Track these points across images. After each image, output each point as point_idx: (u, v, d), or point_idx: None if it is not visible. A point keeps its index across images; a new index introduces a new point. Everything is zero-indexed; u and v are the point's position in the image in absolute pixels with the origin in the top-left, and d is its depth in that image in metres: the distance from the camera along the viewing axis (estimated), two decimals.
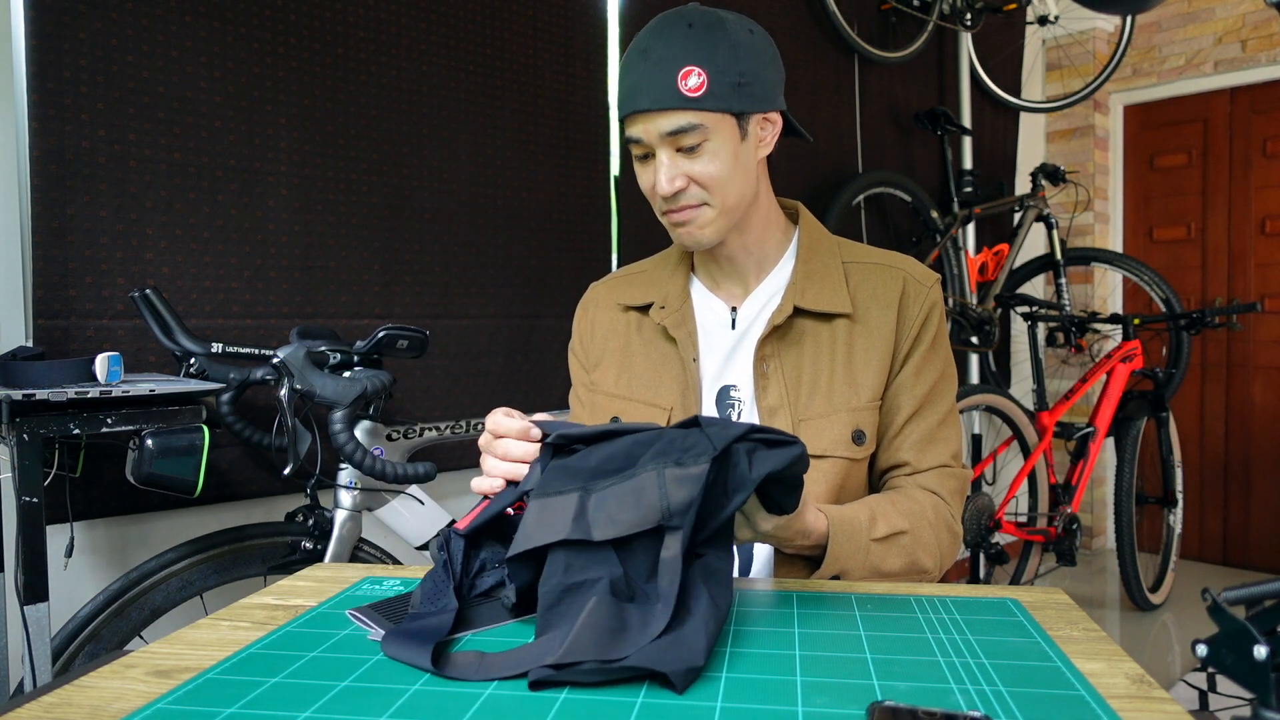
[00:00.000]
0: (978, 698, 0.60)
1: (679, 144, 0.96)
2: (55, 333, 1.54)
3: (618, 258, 2.39)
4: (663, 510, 0.69)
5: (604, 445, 0.74)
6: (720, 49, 0.95)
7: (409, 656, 0.68)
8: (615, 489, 0.72)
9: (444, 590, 0.78)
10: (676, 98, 0.94)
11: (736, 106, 0.96)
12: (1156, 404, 3.25)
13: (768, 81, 1.00)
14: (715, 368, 1.08)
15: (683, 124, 0.95)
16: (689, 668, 0.62)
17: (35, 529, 1.22)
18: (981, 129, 3.51)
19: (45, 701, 0.62)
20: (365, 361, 1.55)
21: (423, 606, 0.77)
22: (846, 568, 0.91)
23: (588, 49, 2.31)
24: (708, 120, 0.95)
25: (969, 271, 3.10)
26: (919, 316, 1.05)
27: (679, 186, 0.98)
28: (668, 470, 0.71)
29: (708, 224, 1.01)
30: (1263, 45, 3.61)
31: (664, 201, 1.00)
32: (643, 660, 0.63)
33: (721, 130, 0.97)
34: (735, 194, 1.00)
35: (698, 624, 0.66)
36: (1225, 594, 0.50)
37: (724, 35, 0.96)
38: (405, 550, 1.90)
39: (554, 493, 0.73)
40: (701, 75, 0.94)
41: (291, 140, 1.82)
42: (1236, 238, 3.77)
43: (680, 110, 0.95)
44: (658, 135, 0.96)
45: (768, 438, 0.72)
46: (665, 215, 1.03)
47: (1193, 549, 3.94)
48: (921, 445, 1.05)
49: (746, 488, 0.71)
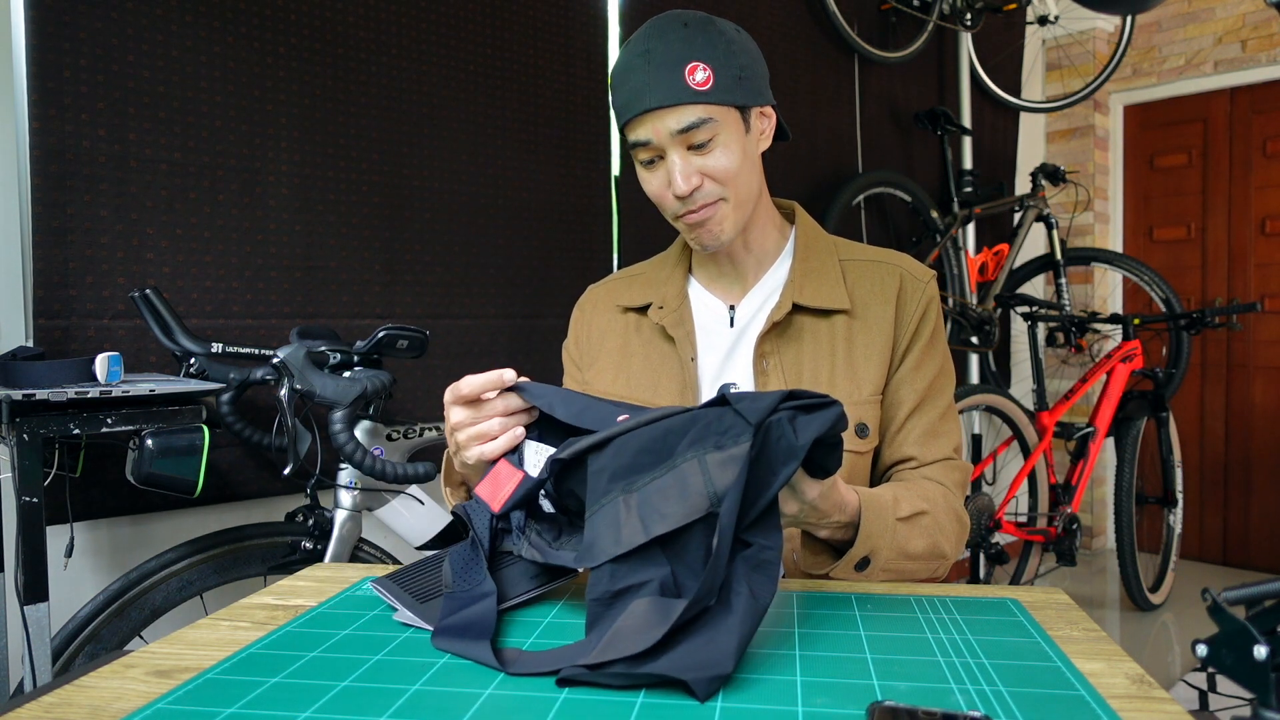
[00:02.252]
0: (978, 698, 0.60)
1: (691, 140, 0.96)
2: (55, 333, 1.54)
3: (618, 258, 2.39)
4: (709, 496, 0.68)
5: (636, 436, 0.72)
6: (718, 44, 0.96)
7: (471, 652, 0.68)
8: (658, 484, 0.70)
9: (475, 565, 0.78)
10: (687, 92, 0.94)
11: (740, 99, 0.97)
12: (1156, 404, 3.25)
13: (761, 76, 1.01)
14: (714, 366, 1.08)
15: (694, 119, 0.95)
16: (714, 675, 0.61)
17: (35, 529, 1.22)
18: (981, 129, 3.51)
19: (45, 701, 0.62)
20: (365, 361, 1.55)
21: (456, 585, 0.77)
22: (876, 547, 0.90)
23: (588, 49, 2.31)
24: (717, 114, 0.96)
25: (969, 271, 3.10)
26: (917, 311, 1.06)
27: (695, 184, 0.98)
28: (709, 456, 0.69)
29: (725, 219, 1.01)
30: (1263, 45, 3.61)
31: (679, 204, 1.00)
32: (669, 668, 0.62)
33: (729, 123, 0.97)
34: (746, 187, 1.01)
35: (733, 624, 0.65)
36: (1225, 594, 0.50)
37: (719, 32, 0.97)
38: (405, 550, 1.90)
39: (598, 506, 0.72)
40: (707, 70, 0.94)
41: (292, 140, 1.82)
42: (1236, 238, 3.77)
43: (691, 105, 0.95)
44: (668, 134, 0.96)
45: (803, 403, 0.70)
46: (681, 218, 1.02)
47: (1193, 549, 3.94)
48: (925, 439, 1.05)
49: (796, 456, 0.69)
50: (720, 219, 1.01)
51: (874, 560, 0.90)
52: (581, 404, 0.81)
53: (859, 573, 0.91)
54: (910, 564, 0.94)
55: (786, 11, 2.80)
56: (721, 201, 1.00)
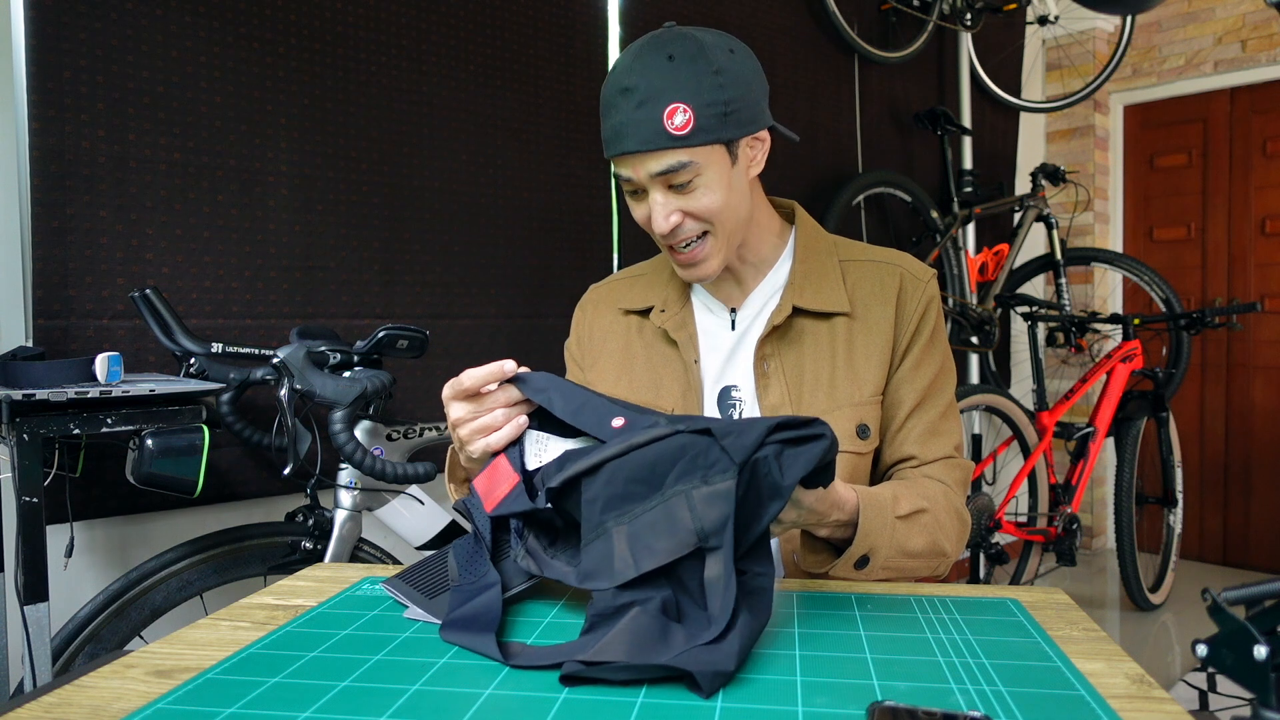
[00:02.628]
0: (978, 698, 0.60)
1: (670, 181, 0.96)
2: (55, 333, 1.54)
3: (618, 258, 2.39)
4: (698, 532, 0.69)
5: (627, 463, 0.73)
6: (704, 80, 0.92)
7: (475, 645, 0.70)
8: (648, 518, 0.71)
9: (479, 557, 0.80)
10: (663, 138, 0.92)
11: (725, 135, 0.94)
12: (1156, 404, 3.25)
13: (753, 102, 0.97)
14: (716, 369, 1.08)
15: (672, 163, 0.94)
16: (717, 671, 0.62)
17: (35, 529, 1.22)
18: (981, 129, 3.51)
19: (45, 701, 0.62)
20: (365, 361, 1.55)
21: (463, 578, 0.78)
22: (875, 545, 0.89)
23: (588, 49, 2.31)
24: (697, 156, 0.94)
25: (969, 271, 3.10)
26: (917, 311, 1.06)
27: (675, 223, 0.98)
28: (695, 491, 0.70)
29: (712, 254, 1.01)
30: (1263, 45, 3.61)
31: (664, 238, 1.01)
32: (674, 661, 0.63)
33: (712, 162, 0.95)
34: (732, 219, 1.01)
35: (732, 637, 0.66)
36: (1225, 594, 0.50)
37: (705, 64, 0.92)
38: (405, 550, 1.90)
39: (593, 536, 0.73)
40: (687, 111, 0.92)
41: (292, 140, 1.82)
42: (1236, 238, 3.77)
43: (669, 150, 0.93)
44: (647, 176, 0.95)
45: (790, 436, 0.71)
46: (669, 251, 1.04)
47: (1193, 549, 3.93)
48: (925, 438, 1.05)
49: (782, 496, 0.70)
50: (706, 255, 1.01)
51: (873, 558, 0.90)
52: (579, 399, 0.82)
53: (858, 571, 0.90)
54: (910, 562, 0.94)
55: (786, 11, 2.80)
56: (707, 235, 1.00)
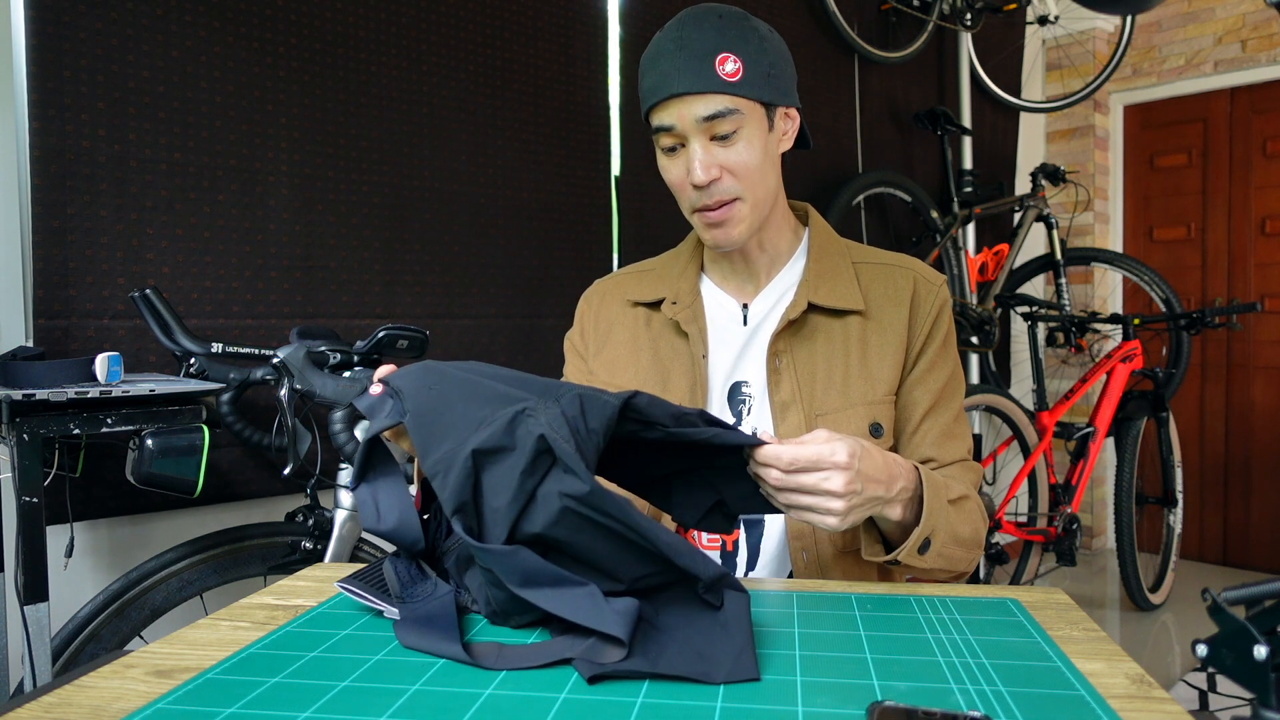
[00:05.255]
0: (978, 698, 0.60)
1: (714, 130, 0.96)
2: (55, 333, 1.54)
3: (618, 258, 2.39)
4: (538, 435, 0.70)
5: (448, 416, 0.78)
6: (751, 39, 0.97)
7: (437, 647, 0.68)
8: (497, 467, 0.72)
9: (418, 578, 0.78)
10: (716, 81, 0.94)
11: (768, 96, 0.98)
12: (1156, 404, 3.25)
13: (790, 77, 1.02)
14: (726, 364, 1.08)
15: (720, 108, 0.95)
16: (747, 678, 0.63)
17: (35, 529, 1.22)
18: (981, 129, 3.51)
19: (45, 701, 0.62)
20: (365, 361, 1.55)
21: (405, 592, 0.77)
22: (936, 525, 0.89)
23: (588, 49, 2.31)
24: (744, 106, 0.96)
25: (969, 271, 3.10)
26: (930, 314, 1.07)
27: (714, 176, 0.98)
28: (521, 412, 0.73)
29: (742, 219, 1.01)
30: (1263, 45, 3.61)
31: (697, 195, 1.00)
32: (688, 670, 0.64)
33: (754, 119, 0.98)
34: (764, 187, 1.01)
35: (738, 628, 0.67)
36: (1225, 594, 0.50)
37: (752, 28, 0.98)
38: None
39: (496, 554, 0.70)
40: (738, 62, 0.95)
41: (292, 140, 1.82)
42: (1236, 238, 3.77)
43: (719, 94, 0.95)
44: (693, 121, 0.96)
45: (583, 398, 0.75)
46: (698, 213, 1.02)
47: (1193, 549, 3.93)
48: (942, 440, 1.06)
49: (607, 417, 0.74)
50: (737, 219, 1.01)
51: (933, 541, 0.89)
52: (436, 397, 0.82)
53: (921, 557, 0.89)
54: (957, 551, 0.93)
55: (786, 11, 2.80)
56: (739, 201, 1.00)
